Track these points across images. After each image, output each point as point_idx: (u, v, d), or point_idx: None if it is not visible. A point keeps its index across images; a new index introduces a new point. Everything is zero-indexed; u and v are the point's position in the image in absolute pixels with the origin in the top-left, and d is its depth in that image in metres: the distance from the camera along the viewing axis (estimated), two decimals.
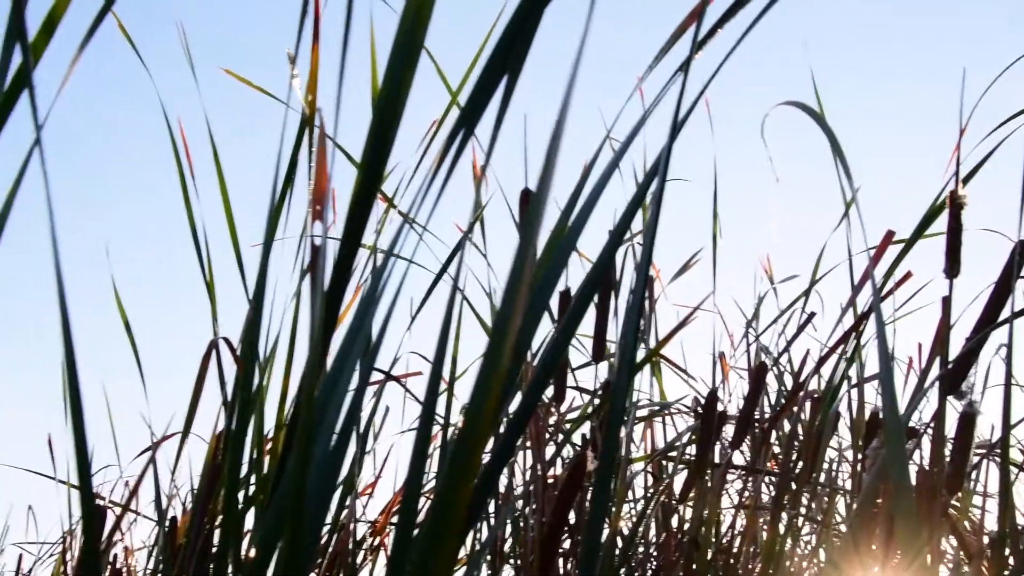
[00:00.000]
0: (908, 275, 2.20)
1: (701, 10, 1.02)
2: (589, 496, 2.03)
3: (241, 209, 2.10)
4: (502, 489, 2.45)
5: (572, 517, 2.24)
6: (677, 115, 1.00)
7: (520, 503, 2.36)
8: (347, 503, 2.30)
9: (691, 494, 2.30)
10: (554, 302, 2.18)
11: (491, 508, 2.43)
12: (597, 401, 2.56)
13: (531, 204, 0.75)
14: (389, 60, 0.97)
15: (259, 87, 2.32)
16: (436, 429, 2.97)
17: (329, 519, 2.17)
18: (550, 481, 2.17)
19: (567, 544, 2.28)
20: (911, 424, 2.15)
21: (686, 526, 2.45)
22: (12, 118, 0.99)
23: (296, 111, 2.13)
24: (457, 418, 2.49)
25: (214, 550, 1.74)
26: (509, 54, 0.97)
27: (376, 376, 2.60)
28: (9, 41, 0.88)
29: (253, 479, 1.90)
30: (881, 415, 2.09)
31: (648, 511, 2.41)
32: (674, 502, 2.43)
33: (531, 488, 2.20)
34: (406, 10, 0.98)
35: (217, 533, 1.97)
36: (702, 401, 2.79)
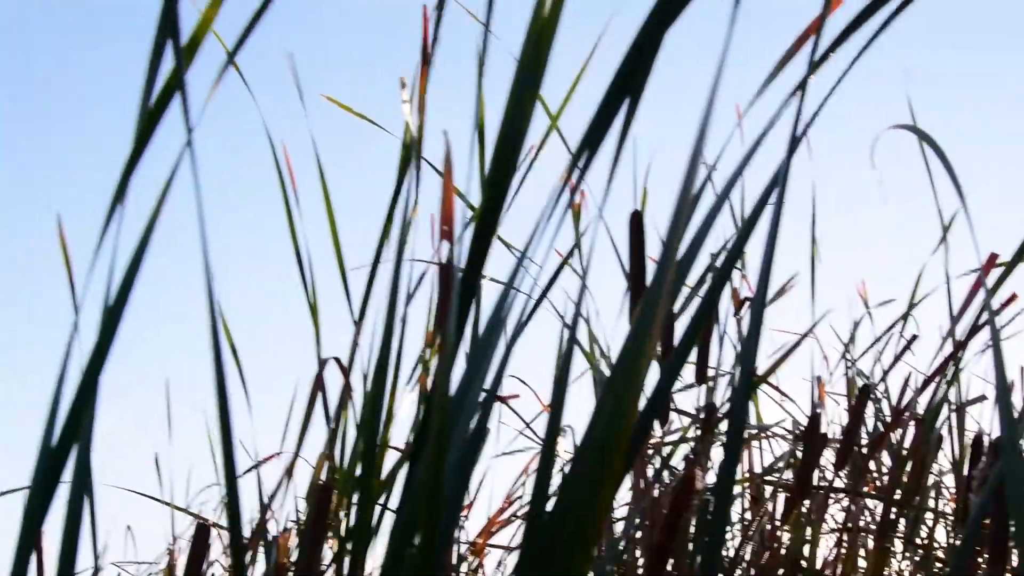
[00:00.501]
0: (1014, 296, 2.20)
1: (818, 27, 1.03)
2: (695, 516, 2.04)
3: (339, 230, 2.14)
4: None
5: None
6: (795, 130, 1.01)
7: (621, 526, 2.37)
8: None
9: (792, 516, 2.30)
10: None
11: None
12: (693, 423, 2.57)
13: (664, 252, 0.77)
14: (512, 86, 0.99)
15: (360, 114, 2.36)
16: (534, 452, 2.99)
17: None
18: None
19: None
20: None
21: (782, 549, 2.44)
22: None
23: (394, 135, 2.17)
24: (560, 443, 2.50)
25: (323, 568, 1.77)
26: (630, 78, 0.99)
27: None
28: (160, 38, 0.91)
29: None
30: (985, 438, 2.08)
31: (751, 532, 2.41)
32: (776, 523, 2.43)
33: (633, 509, 2.21)
34: (528, 37, 1.00)
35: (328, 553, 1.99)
36: (801, 425, 2.78)
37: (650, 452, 2.44)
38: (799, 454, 2.54)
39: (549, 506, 0.85)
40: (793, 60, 1.33)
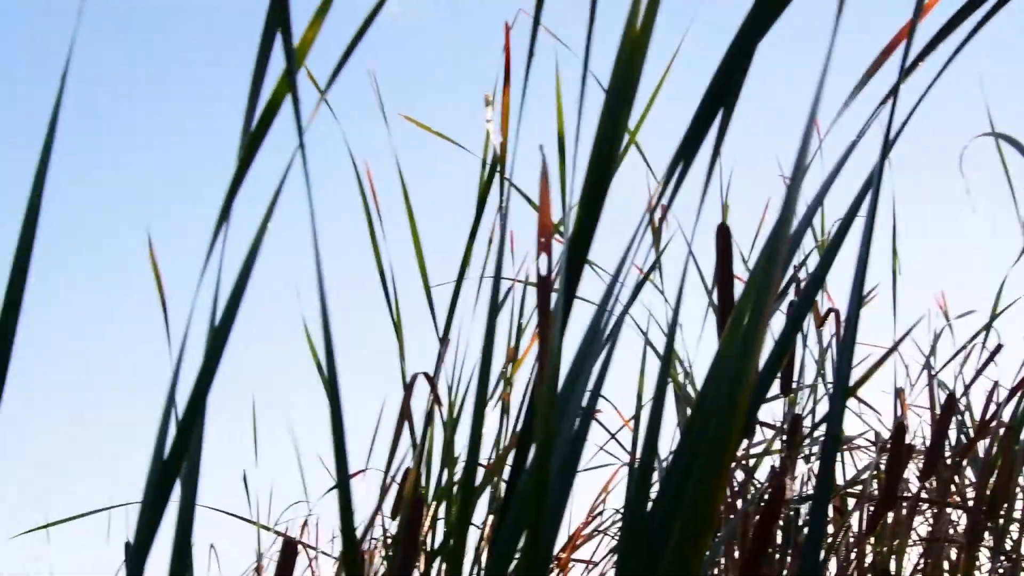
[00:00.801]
0: None
1: (910, 32, 1.04)
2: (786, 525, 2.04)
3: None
4: None
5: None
6: (887, 137, 1.02)
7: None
8: None
9: (877, 528, 2.29)
10: None
11: None
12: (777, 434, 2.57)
13: (758, 277, 0.77)
14: (604, 106, 1.00)
15: (439, 133, 2.38)
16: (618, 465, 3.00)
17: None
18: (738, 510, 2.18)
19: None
20: None
21: (867, 560, 2.43)
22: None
23: (473, 154, 2.19)
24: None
25: None
26: (723, 90, 1.00)
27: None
28: (269, 31, 0.92)
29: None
30: None
31: (837, 542, 2.41)
32: (861, 535, 2.42)
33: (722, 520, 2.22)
34: (620, 55, 1.01)
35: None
36: (884, 436, 2.77)
37: (732, 464, 2.44)
38: (882, 466, 2.53)
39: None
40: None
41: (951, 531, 2.67)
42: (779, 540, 2.16)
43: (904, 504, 2.39)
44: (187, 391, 0.95)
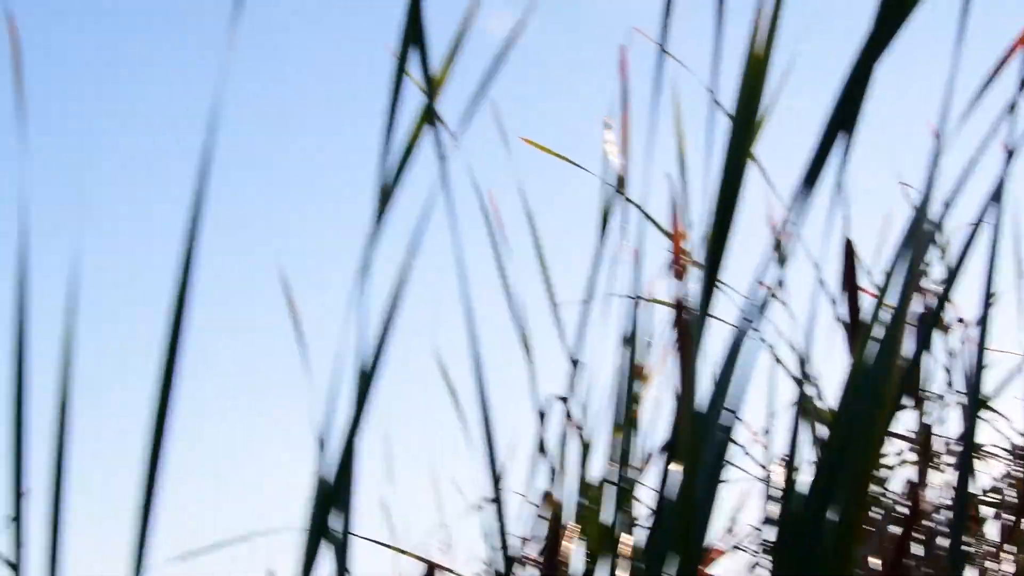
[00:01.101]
0: None
1: None
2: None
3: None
4: None
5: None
6: (1010, 150, 1.03)
7: None
8: None
9: (1016, 536, 2.27)
10: None
11: None
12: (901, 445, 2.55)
13: (902, 298, 0.80)
14: (731, 127, 1.03)
15: (561, 155, 2.40)
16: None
17: None
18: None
19: None
20: None
21: (1005, 569, 2.41)
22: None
23: (594, 174, 2.21)
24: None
25: None
26: (845, 114, 1.02)
27: None
28: (407, 38, 0.95)
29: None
30: None
31: (974, 552, 2.39)
32: (999, 544, 2.40)
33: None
34: (745, 77, 1.04)
35: None
36: (1017, 444, 2.74)
37: None
38: (1015, 473, 2.51)
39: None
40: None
41: None
42: (917, 551, 2.16)
43: None
44: (336, 430, 0.99)
